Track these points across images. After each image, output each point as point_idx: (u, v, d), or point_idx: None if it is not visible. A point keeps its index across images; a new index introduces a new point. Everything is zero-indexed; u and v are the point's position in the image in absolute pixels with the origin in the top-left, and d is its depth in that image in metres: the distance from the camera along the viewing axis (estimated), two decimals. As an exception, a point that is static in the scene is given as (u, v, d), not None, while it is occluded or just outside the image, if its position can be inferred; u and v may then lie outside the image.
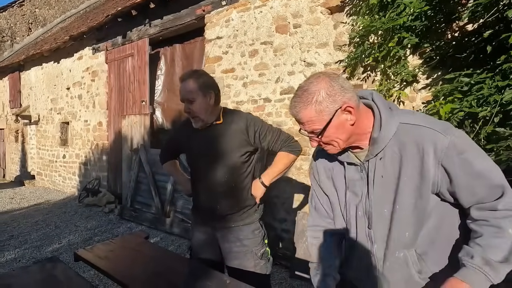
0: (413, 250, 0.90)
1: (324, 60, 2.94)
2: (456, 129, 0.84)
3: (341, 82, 0.85)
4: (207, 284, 1.21)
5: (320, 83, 0.85)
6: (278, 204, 3.32)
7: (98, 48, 5.79)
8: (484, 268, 0.76)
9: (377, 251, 0.94)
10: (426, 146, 0.82)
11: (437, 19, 2.24)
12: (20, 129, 8.63)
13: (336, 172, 1.02)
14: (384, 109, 0.88)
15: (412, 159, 0.84)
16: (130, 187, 4.68)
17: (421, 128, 0.84)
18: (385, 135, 0.86)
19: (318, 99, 0.83)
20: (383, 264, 0.93)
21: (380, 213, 0.91)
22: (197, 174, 1.57)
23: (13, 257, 3.37)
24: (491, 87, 1.80)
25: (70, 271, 1.37)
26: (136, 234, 1.89)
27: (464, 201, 0.83)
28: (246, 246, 1.51)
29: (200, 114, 1.43)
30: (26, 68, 8.08)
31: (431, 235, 0.88)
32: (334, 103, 0.83)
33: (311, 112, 0.85)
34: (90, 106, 6.06)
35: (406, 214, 0.87)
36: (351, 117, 0.86)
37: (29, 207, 5.65)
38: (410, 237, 0.89)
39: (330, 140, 0.88)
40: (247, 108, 3.51)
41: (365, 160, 0.92)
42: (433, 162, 0.82)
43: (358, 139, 0.91)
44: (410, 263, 0.90)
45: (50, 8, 10.92)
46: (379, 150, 0.88)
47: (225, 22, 3.71)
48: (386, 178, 0.89)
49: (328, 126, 0.85)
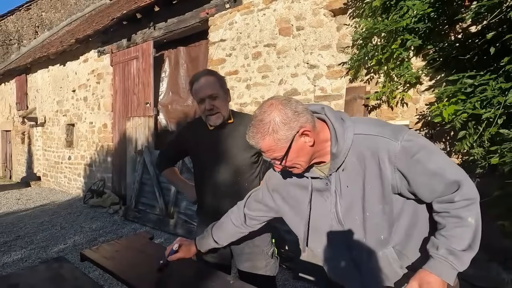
0: (390, 247, 0.93)
1: (327, 62, 2.95)
2: (407, 132, 0.86)
3: (293, 106, 0.86)
4: (211, 284, 1.23)
5: (273, 112, 0.85)
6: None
7: (103, 50, 5.86)
8: (449, 258, 0.80)
9: (356, 256, 0.97)
10: (380, 154, 0.85)
11: (440, 21, 2.24)
12: (26, 130, 8.74)
13: (295, 185, 1.03)
14: (337, 123, 0.90)
15: (371, 168, 0.88)
16: (135, 189, 4.72)
17: (374, 137, 0.87)
18: (343, 148, 0.88)
19: (275, 128, 0.84)
20: (367, 267, 0.96)
21: (353, 221, 0.94)
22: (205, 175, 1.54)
23: (19, 257, 3.41)
24: (495, 89, 1.80)
25: (77, 271, 1.39)
26: (141, 235, 1.91)
27: (426, 198, 0.87)
28: (257, 247, 1.51)
29: (222, 110, 1.42)
30: (32, 71, 8.19)
31: (408, 231, 0.91)
32: (291, 130, 0.85)
33: (270, 142, 0.86)
34: (95, 108, 6.12)
35: (377, 219, 0.91)
36: (309, 139, 0.87)
37: (35, 208, 5.71)
38: (386, 238, 0.92)
39: (292, 163, 0.90)
40: (250, 110, 3.53)
41: (328, 173, 0.95)
42: (389, 167, 0.85)
43: (319, 155, 0.93)
44: (391, 260, 0.93)
45: (56, 11, 11.07)
46: (340, 163, 0.90)
47: (229, 25, 3.74)
48: (352, 188, 0.92)
49: (288, 153, 0.87)
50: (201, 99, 1.40)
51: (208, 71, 1.49)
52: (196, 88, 1.41)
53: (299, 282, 2.71)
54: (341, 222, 0.96)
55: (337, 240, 0.99)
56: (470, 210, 0.82)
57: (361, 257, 0.96)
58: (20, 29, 10.49)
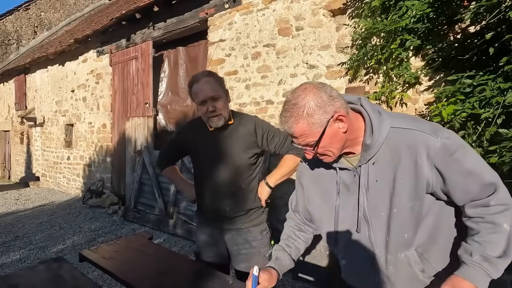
0: (413, 249, 0.90)
1: (327, 63, 2.96)
2: (446, 130, 0.85)
3: (328, 91, 0.85)
4: (211, 284, 1.22)
5: (308, 95, 0.84)
6: (280, 205, 3.32)
7: (102, 51, 5.85)
8: (483, 264, 0.78)
9: (378, 255, 0.94)
10: (419, 149, 0.83)
11: (440, 21, 2.25)
12: (25, 131, 8.72)
13: (326, 177, 1.01)
14: (373, 114, 0.88)
15: (406, 163, 0.85)
16: (134, 189, 4.71)
17: (413, 131, 0.85)
18: (377, 140, 0.86)
19: (309, 112, 0.83)
20: (386, 267, 0.93)
21: (378, 217, 0.92)
22: (204, 176, 1.55)
23: (18, 257, 3.41)
24: (494, 89, 1.80)
25: (76, 271, 1.39)
26: (140, 235, 1.90)
27: (458, 199, 0.84)
28: (254, 248, 1.52)
29: (224, 111, 1.42)
30: (31, 71, 8.18)
31: (431, 234, 0.89)
32: (325, 114, 0.83)
33: (304, 126, 0.84)
34: (94, 108, 6.11)
35: (404, 216, 0.88)
36: (343, 125, 0.86)
37: (34, 208, 5.70)
38: (409, 238, 0.89)
39: (325, 150, 0.88)
40: (249, 110, 3.53)
41: (358, 165, 0.92)
42: (426, 164, 0.83)
43: (351, 144, 0.91)
44: (412, 263, 0.90)
45: (55, 11, 11.05)
46: (372, 155, 0.88)
47: (228, 25, 3.74)
48: (381, 182, 0.89)
49: (322, 138, 0.85)
50: (203, 101, 1.39)
51: (208, 72, 1.48)
52: (197, 89, 1.40)
53: (299, 283, 2.70)
54: (366, 218, 0.93)
55: (359, 237, 0.96)
56: (505, 216, 0.80)
57: (381, 256, 0.93)
58: (19, 29, 10.47)
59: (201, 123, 1.50)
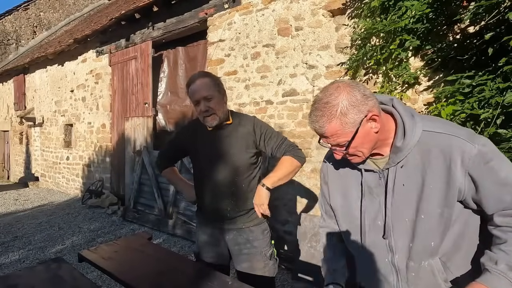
0: (437, 258, 0.87)
1: (326, 63, 2.96)
2: (482, 137, 0.82)
3: (362, 89, 0.82)
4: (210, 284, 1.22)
5: (341, 94, 0.81)
6: (280, 206, 3.33)
7: (102, 51, 5.85)
8: (509, 274, 0.75)
9: (398, 261, 0.91)
10: (453, 154, 0.80)
11: (439, 22, 2.25)
12: (24, 131, 8.71)
13: (349, 178, 0.98)
14: (407, 116, 0.85)
15: (438, 168, 0.82)
16: (133, 189, 4.71)
17: (448, 136, 0.82)
18: (409, 143, 0.83)
19: (343, 111, 0.80)
20: (406, 275, 0.90)
21: (401, 222, 0.88)
22: (204, 176, 1.55)
23: (17, 258, 3.40)
24: (493, 89, 1.80)
25: (75, 272, 1.39)
26: (139, 235, 1.90)
27: (489, 208, 0.81)
28: (255, 248, 1.51)
29: (218, 111, 1.42)
30: (30, 71, 8.16)
31: (456, 242, 0.86)
32: (359, 113, 0.80)
33: (336, 126, 0.81)
34: (93, 108, 6.11)
35: (432, 223, 0.85)
36: (376, 125, 0.83)
37: (33, 209, 5.69)
38: (436, 246, 0.86)
39: (355, 151, 0.86)
40: (249, 110, 3.53)
41: (385, 167, 0.89)
42: (460, 170, 0.80)
43: (380, 146, 0.89)
44: (436, 272, 0.88)
45: (54, 11, 11.04)
46: (401, 158, 0.85)
47: (228, 25, 3.74)
48: (408, 187, 0.86)
49: (354, 138, 0.82)
50: (197, 101, 1.41)
51: (204, 73, 1.49)
52: (192, 90, 1.42)
53: (298, 283, 2.70)
54: (389, 222, 0.90)
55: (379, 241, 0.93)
56: None
57: (401, 262, 0.90)
58: (18, 29, 10.45)
59: (200, 124, 1.50)
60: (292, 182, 3.22)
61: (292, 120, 3.20)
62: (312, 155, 3.06)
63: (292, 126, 3.20)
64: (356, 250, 1.00)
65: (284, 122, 3.26)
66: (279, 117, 3.30)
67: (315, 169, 3.04)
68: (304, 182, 3.13)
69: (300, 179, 3.16)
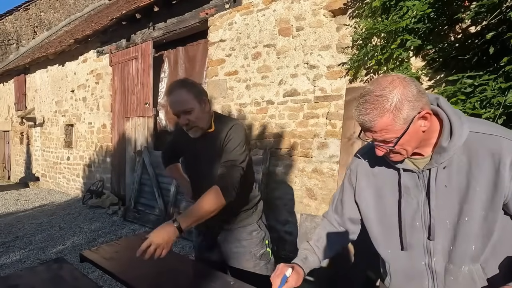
0: (479, 264, 0.85)
1: (327, 63, 2.96)
2: None
3: (417, 85, 0.78)
4: (211, 284, 1.22)
5: (396, 88, 0.77)
6: (280, 206, 3.32)
7: (102, 51, 5.85)
8: None
9: (436, 264, 0.88)
10: (503, 157, 0.77)
11: (440, 21, 2.24)
12: (25, 131, 8.72)
13: (384, 177, 0.95)
14: (454, 116, 0.82)
15: (485, 170, 0.80)
16: (134, 189, 4.71)
17: (498, 138, 0.79)
18: (455, 144, 0.80)
19: (398, 106, 0.76)
20: (444, 279, 0.88)
21: (442, 224, 0.86)
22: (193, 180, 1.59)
23: (18, 258, 3.40)
24: (494, 89, 1.80)
25: (77, 272, 1.39)
26: (140, 236, 1.90)
27: None
28: (244, 247, 1.51)
29: (200, 123, 1.37)
30: (31, 71, 8.17)
31: (495, 247, 0.84)
32: (413, 110, 0.76)
33: (388, 121, 0.77)
34: (94, 108, 6.11)
35: (475, 226, 0.82)
36: (425, 124, 0.80)
37: (34, 209, 5.69)
38: (477, 250, 0.84)
39: (400, 148, 0.82)
40: (250, 110, 3.53)
41: (426, 168, 0.87)
42: (509, 173, 0.77)
43: (424, 145, 0.85)
44: (476, 278, 0.85)
45: (55, 11, 11.05)
46: (446, 159, 0.82)
47: (228, 25, 3.74)
48: (451, 188, 0.84)
49: (404, 135, 0.78)
50: (176, 115, 1.37)
51: (181, 82, 1.39)
52: (170, 102, 1.36)
53: (299, 283, 2.70)
54: (428, 225, 0.87)
55: (417, 243, 0.90)
56: None
57: (439, 265, 0.88)
58: (18, 29, 10.47)
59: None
60: (293, 182, 3.22)
61: (293, 120, 3.20)
62: (313, 155, 3.06)
63: (293, 126, 3.20)
64: (391, 252, 0.97)
65: (285, 122, 3.26)
66: (280, 117, 3.30)
67: (316, 169, 3.04)
68: (305, 182, 3.13)
69: (301, 179, 3.16)
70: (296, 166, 3.20)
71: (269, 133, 3.40)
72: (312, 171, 3.07)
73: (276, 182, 3.34)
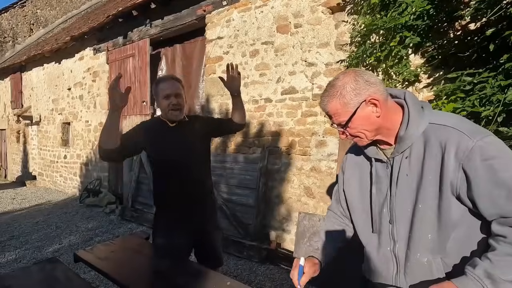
0: (439, 258, 0.88)
1: (326, 60, 2.93)
2: (489, 135, 0.80)
3: (366, 76, 0.88)
4: (208, 285, 1.20)
5: (345, 78, 0.89)
6: (278, 204, 3.31)
7: (99, 48, 5.80)
8: (484, 281, 0.74)
9: (398, 250, 0.94)
10: (448, 145, 0.82)
11: (439, 18, 2.22)
12: (21, 129, 8.65)
13: (364, 167, 1.03)
14: (413, 108, 0.89)
15: (433, 158, 0.85)
16: (131, 188, 4.68)
17: (449, 128, 0.83)
18: (412, 134, 0.87)
19: (342, 93, 0.88)
20: (405, 264, 0.93)
21: (403, 211, 0.92)
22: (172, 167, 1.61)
23: (13, 257, 3.37)
24: (494, 86, 1.78)
25: (70, 272, 1.36)
26: (136, 235, 1.88)
27: (485, 211, 0.79)
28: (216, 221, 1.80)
29: (183, 108, 1.64)
30: (27, 69, 8.10)
31: (462, 246, 0.86)
32: (358, 96, 0.87)
33: (336, 105, 0.89)
34: (91, 106, 6.06)
35: (429, 214, 0.86)
36: (376, 110, 0.88)
37: (30, 208, 5.65)
38: (434, 241, 0.87)
39: (356, 132, 0.91)
40: (247, 109, 3.50)
41: (391, 157, 0.94)
42: (453, 163, 0.80)
43: (387, 134, 0.93)
44: (434, 271, 0.88)
45: (51, 9, 10.95)
46: (405, 147, 0.89)
47: (226, 22, 3.71)
48: (410, 177, 0.89)
49: (352, 118, 0.88)
50: (168, 95, 1.58)
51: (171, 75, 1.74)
52: (164, 86, 1.61)
53: (297, 282, 2.69)
54: (392, 212, 0.94)
55: (385, 229, 0.96)
56: None
57: (403, 252, 0.93)
58: (14, 26, 10.36)
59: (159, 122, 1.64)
60: (291, 181, 3.20)
61: (291, 118, 3.18)
62: (311, 153, 3.04)
63: (291, 124, 3.18)
64: (365, 238, 1.04)
65: (283, 120, 3.24)
66: (278, 115, 3.28)
67: (314, 167, 3.02)
68: (303, 181, 3.11)
69: (300, 178, 3.14)
70: (294, 164, 3.18)
71: (267, 131, 3.38)
72: (310, 170, 3.06)
73: (274, 181, 3.33)
